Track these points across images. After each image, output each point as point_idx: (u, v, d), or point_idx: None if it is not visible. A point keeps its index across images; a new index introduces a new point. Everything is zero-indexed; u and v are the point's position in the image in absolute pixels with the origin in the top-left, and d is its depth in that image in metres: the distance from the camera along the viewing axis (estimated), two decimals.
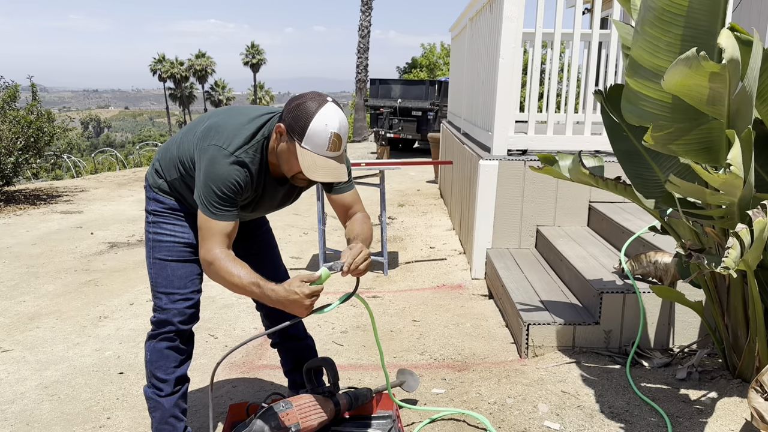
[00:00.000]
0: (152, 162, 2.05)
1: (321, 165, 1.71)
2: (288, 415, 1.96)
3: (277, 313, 2.17)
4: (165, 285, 1.96)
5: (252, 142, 1.80)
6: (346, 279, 4.25)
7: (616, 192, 2.51)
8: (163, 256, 1.97)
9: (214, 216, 1.77)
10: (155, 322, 1.99)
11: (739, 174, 1.87)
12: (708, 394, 2.43)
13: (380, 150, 12.54)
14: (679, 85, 1.88)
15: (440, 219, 6.21)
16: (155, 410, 2.01)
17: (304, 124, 1.69)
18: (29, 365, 2.90)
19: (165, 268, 1.97)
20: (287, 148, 1.74)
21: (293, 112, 1.71)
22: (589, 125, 4.21)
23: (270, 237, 2.35)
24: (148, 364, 2.00)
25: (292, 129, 1.71)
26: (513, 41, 3.91)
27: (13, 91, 7.57)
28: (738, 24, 2.14)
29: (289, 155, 1.74)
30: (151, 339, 2.00)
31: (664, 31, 2.01)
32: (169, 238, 1.97)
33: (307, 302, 1.73)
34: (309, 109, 1.69)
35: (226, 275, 1.74)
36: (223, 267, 1.74)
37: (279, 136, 1.76)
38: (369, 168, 4.20)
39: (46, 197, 7.66)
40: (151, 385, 2.01)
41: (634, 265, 2.97)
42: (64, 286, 4.10)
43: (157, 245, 1.98)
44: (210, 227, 1.77)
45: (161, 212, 1.99)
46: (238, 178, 1.77)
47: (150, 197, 2.02)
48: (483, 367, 2.83)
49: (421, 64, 27.44)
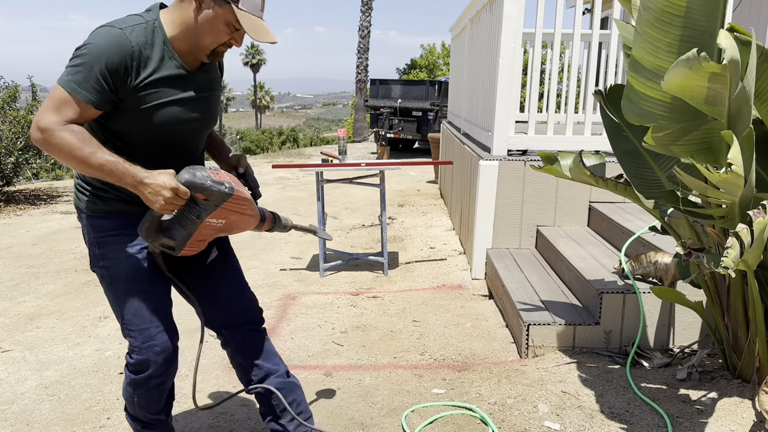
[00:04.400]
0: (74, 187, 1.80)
1: (261, 26, 1.63)
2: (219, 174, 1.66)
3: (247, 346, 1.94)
4: (136, 322, 1.74)
5: (140, 23, 1.62)
6: (345, 279, 4.25)
7: (617, 192, 2.51)
8: (124, 288, 1.73)
9: (66, 86, 1.53)
10: (135, 364, 1.77)
11: (740, 173, 1.87)
12: (708, 395, 2.43)
13: (380, 150, 12.54)
14: (679, 86, 1.89)
15: (440, 219, 6.21)
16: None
17: None
18: (29, 365, 2.90)
19: (131, 303, 1.73)
20: (213, 16, 1.61)
21: None
22: (589, 125, 4.21)
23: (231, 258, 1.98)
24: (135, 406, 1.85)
25: None
26: (513, 41, 3.91)
27: (13, 91, 7.57)
28: (738, 24, 2.15)
29: (215, 22, 1.62)
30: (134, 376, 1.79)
31: (664, 32, 2.01)
32: (123, 265, 1.73)
33: (167, 193, 1.54)
34: None
35: (71, 150, 1.51)
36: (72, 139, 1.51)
37: (198, 5, 1.61)
38: (369, 168, 4.20)
39: (47, 197, 7.66)
40: (135, 420, 1.90)
41: (635, 266, 2.97)
42: (65, 287, 4.10)
43: (115, 279, 1.74)
44: (56, 95, 1.53)
45: (105, 237, 1.73)
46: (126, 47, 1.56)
47: (86, 225, 1.75)
48: (483, 367, 2.83)
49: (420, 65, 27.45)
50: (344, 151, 4.37)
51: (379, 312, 3.60)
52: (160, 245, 1.67)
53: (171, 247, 1.68)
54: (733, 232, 1.85)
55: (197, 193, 1.61)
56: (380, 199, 4.33)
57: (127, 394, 1.85)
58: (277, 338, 3.21)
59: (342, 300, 3.81)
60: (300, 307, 3.70)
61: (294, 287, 4.08)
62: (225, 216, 1.69)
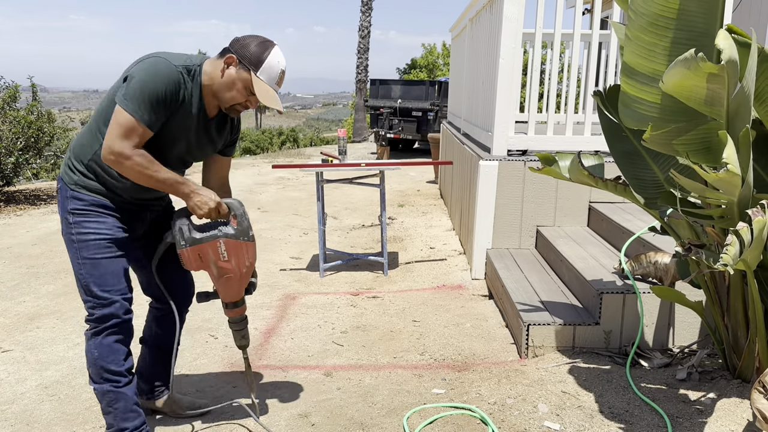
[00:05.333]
0: (63, 164, 2.05)
1: (272, 95, 1.97)
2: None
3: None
4: (100, 283, 1.98)
5: (190, 65, 1.95)
6: (345, 279, 4.25)
7: (616, 192, 2.51)
8: (92, 254, 1.98)
9: (134, 112, 1.83)
10: (96, 318, 2.00)
11: (736, 172, 1.87)
12: (708, 395, 2.43)
13: (380, 150, 12.54)
14: (677, 86, 1.89)
15: (440, 219, 6.22)
16: (116, 402, 2.04)
17: (260, 57, 1.94)
18: (29, 365, 2.90)
19: (97, 266, 1.98)
20: (236, 77, 1.95)
21: (248, 48, 1.95)
22: (589, 125, 4.22)
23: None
24: (97, 361, 2.01)
25: (247, 60, 1.94)
26: (513, 41, 3.91)
27: (13, 92, 7.57)
28: (737, 24, 2.15)
29: (236, 83, 1.95)
30: (96, 336, 2.01)
31: (659, 36, 2.02)
32: (94, 236, 1.98)
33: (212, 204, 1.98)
34: (265, 46, 1.96)
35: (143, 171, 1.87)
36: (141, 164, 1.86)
37: (227, 66, 1.95)
38: (369, 168, 4.21)
39: (47, 197, 7.66)
40: (105, 380, 2.03)
41: (634, 266, 2.97)
42: (65, 287, 4.10)
43: (84, 245, 1.98)
44: (126, 122, 1.83)
45: (82, 210, 1.98)
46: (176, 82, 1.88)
47: (68, 196, 1.99)
48: (483, 367, 2.83)
49: (420, 65, 27.45)
50: (344, 151, 4.38)
51: (379, 312, 3.60)
52: (179, 229, 2.02)
53: (182, 236, 2.02)
54: (732, 230, 1.85)
55: (232, 217, 2.04)
56: (380, 199, 4.33)
57: (90, 355, 2.03)
58: (277, 338, 3.21)
59: (342, 300, 3.81)
60: (300, 307, 3.70)
61: (294, 287, 4.08)
62: (231, 253, 2.07)
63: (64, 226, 2.01)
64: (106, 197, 2.00)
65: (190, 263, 2.06)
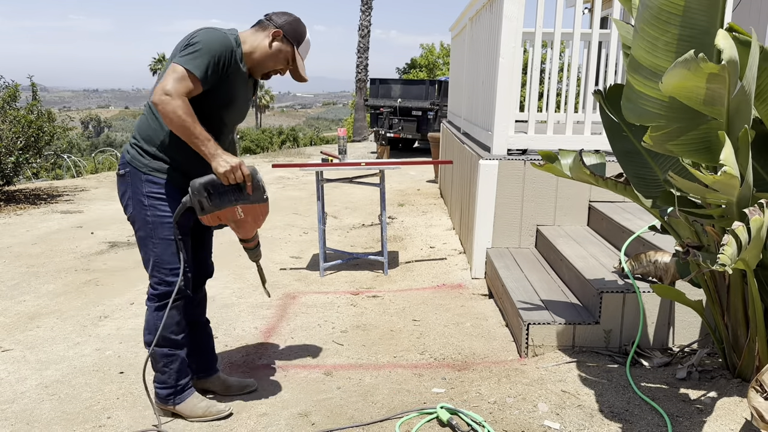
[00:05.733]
0: (129, 146, 2.22)
1: (304, 67, 2.35)
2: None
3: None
4: (170, 261, 2.23)
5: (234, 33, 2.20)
6: (345, 278, 4.25)
7: (616, 191, 2.51)
8: (166, 235, 2.21)
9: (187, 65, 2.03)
10: (160, 294, 2.24)
11: (733, 173, 1.87)
12: (708, 394, 2.43)
13: (380, 150, 12.55)
14: (677, 87, 1.88)
15: (440, 219, 6.22)
16: (172, 363, 2.32)
17: (300, 36, 2.29)
18: (29, 365, 2.90)
19: (170, 246, 2.22)
20: (280, 49, 2.25)
21: (292, 25, 2.27)
22: (589, 125, 4.22)
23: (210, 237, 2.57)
24: (161, 330, 2.24)
25: (291, 36, 2.26)
26: (513, 41, 3.91)
27: (13, 91, 7.57)
28: (737, 23, 2.15)
29: (279, 54, 2.25)
30: (161, 309, 2.25)
31: (662, 31, 2.00)
32: (169, 218, 2.21)
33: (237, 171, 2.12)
34: (302, 24, 2.31)
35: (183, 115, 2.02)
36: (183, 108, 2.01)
37: (274, 38, 2.23)
38: (369, 168, 4.20)
39: (47, 197, 7.66)
40: (165, 345, 2.29)
41: (634, 265, 2.97)
42: (65, 286, 4.11)
43: (159, 226, 2.20)
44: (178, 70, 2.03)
45: (157, 194, 2.19)
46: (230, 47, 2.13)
47: (143, 180, 2.18)
48: (483, 366, 2.83)
49: (420, 64, 27.43)
50: (344, 151, 4.38)
51: (379, 311, 3.60)
52: (198, 201, 2.15)
53: (201, 207, 2.16)
54: (729, 230, 1.85)
55: (249, 183, 2.17)
56: (380, 198, 4.33)
57: (153, 325, 2.26)
58: (278, 337, 3.21)
59: (342, 299, 3.82)
60: (300, 306, 3.70)
61: (294, 287, 4.08)
62: (247, 213, 2.25)
63: (138, 207, 2.20)
64: (174, 180, 2.20)
65: (210, 222, 2.23)
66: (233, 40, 2.16)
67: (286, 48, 2.26)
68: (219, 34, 2.12)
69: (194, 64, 2.04)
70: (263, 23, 2.27)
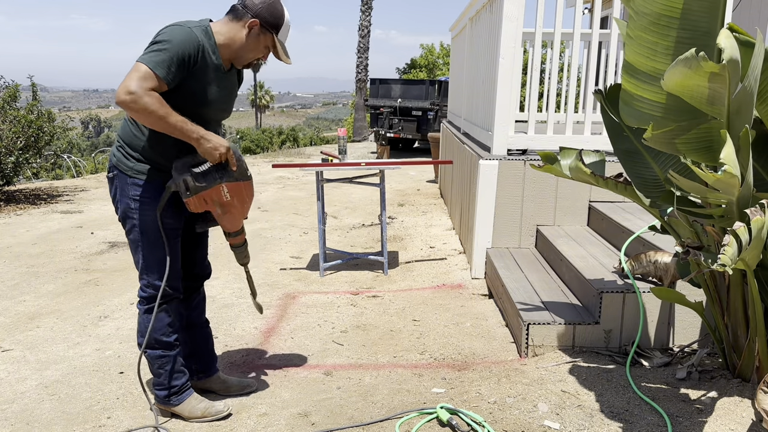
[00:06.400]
0: (115, 149, 2.21)
1: (285, 50, 2.25)
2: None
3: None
4: (158, 264, 2.22)
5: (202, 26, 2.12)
6: (345, 278, 4.25)
7: (616, 191, 2.51)
8: (154, 237, 2.20)
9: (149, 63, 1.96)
10: (150, 296, 2.24)
11: (734, 173, 1.87)
12: (708, 394, 2.43)
13: (380, 150, 12.55)
14: (679, 85, 1.89)
15: (440, 219, 6.22)
16: (166, 365, 2.31)
17: (279, 21, 2.17)
18: (29, 365, 2.90)
19: (158, 249, 2.21)
20: (261, 40, 2.17)
21: (268, 10, 2.15)
22: (589, 125, 4.22)
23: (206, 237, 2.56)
24: (150, 332, 2.24)
25: (269, 24, 2.16)
26: (513, 41, 3.91)
27: (13, 91, 7.57)
28: (738, 24, 2.15)
29: (258, 44, 2.17)
30: (149, 311, 2.25)
31: (662, 36, 2.01)
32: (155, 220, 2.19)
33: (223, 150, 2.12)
34: (281, 9, 2.18)
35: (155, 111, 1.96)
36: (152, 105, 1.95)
37: (249, 30, 2.14)
38: (369, 168, 4.20)
39: (47, 197, 7.66)
40: (157, 347, 2.29)
41: (634, 265, 2.97)
42: (65, 286, 4.11)
43: (146, 228, 2.19)
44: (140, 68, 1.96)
45: (143, 197, 2.17)
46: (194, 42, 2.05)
47: (129, 183, 2.17)
48: (483, 366, 2.83)
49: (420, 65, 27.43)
50: (344, 151, 4.37)
51: (379, 311, 3.60)
52: (183, 182, 2.12)
53: (187, 188, 2.13)
54: (730, 230, 1.85)
55: (232, 160, 2.16)
56: (380, 198, 4.33)
57: (144, 327, 2.26)
58: (277, 337, 3.21)
59: (342, 299, 3.81)
60: (300, 306, 3.70)
61: (294, 286, 4.08)
62: (233, 194, 2.23)
63: (125, 209, 2.19)
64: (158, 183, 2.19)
65: (196, 207, 2.20)
66: (200, 34, 2.07)
67: (266, 37, 2.18)
68: (183, 30, 2.04)
69: (155, 61, 1.97)
70: (238, 11, 2.16)
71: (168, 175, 2.18)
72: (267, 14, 2.14)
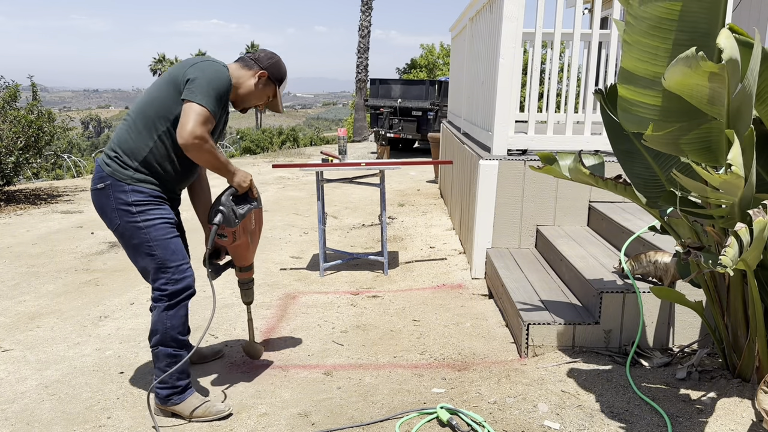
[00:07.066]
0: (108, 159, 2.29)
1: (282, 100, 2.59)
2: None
3: None
4: (172, 259, 2.31)
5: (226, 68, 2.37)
6: (345, 278, 4.25)
7: (616, 192, 2.51)
8: (162, 235, 2.29)
9: (208, 106, 2.19)
10: (170, 293, 2.31)
11: (740, 173, 1.87)
12: (708, 394, 2.43)
13: (380, 150, 12.54)
14: (679, 84, 1.89)
15: (440, 219, 6.22)
16: (175, 364, 2.35)
17: (283, 76, 2.50)
18: (30, 365, 2.90)
19: (168, 245, 2.31)
20: (267, 89, 2.47)
21: (276, 66, 2.47)
22: (589, 125, 4.22)
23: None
24: (168, 331, 2.32)
25: (275, 77, 2.47)
26: (513, 41, 3.91)
27: (13, 91, 7.58)
28: (738, 24, 2.15)
29: (263, 93, 2.46)
30: (169, 309, 2.32)
31: (662, 39, 2.02)
32: (160, 220, 2.30)
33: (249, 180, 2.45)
34: (283, 65, 2.50)
35: (214, 153, 2.24)
36: (213, 147, 2.24)
37: (259, 79, 2.43)
38: (369, 168, 4.20)
39: (47, 197, 7.67)
40: (171, 345, 2.34)
41: (634, 265, 2.97)
42: (65, 286, 4.11)
43: (153, 228, 2.28)
44: (202, 113, 2.18)
45: (145, 201, 2.28)
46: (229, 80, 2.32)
47: (127, 190, 2.26)
48: (483, 366, 2.83)
49: (420, 65, 27.44)
50: (344, 151, 4.38)
51: (379, 311, 3.60)
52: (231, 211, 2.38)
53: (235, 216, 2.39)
54: (732, 231, 1.85)
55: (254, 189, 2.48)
56: (380, 198, 4.33)
57: (162, 326, 2.32)
58: (277, 337, 3.21)
59: (342, 299, 3.82)
60: (300, 306, 3.70)
61: (294, 287, 4.08)
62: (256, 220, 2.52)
63: (126, 216, 2.26)
64: (159, 188, 2.32)
65: (237, 237, 2.44)
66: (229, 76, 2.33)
67: (270, 88, 2.47)
68: (224, 70, 2.29)
69: (210, 102, 2.20)
70: (248, 62, 2.43)
71: (164, 182, 2.33)
72: (274, 69, 2.46)
